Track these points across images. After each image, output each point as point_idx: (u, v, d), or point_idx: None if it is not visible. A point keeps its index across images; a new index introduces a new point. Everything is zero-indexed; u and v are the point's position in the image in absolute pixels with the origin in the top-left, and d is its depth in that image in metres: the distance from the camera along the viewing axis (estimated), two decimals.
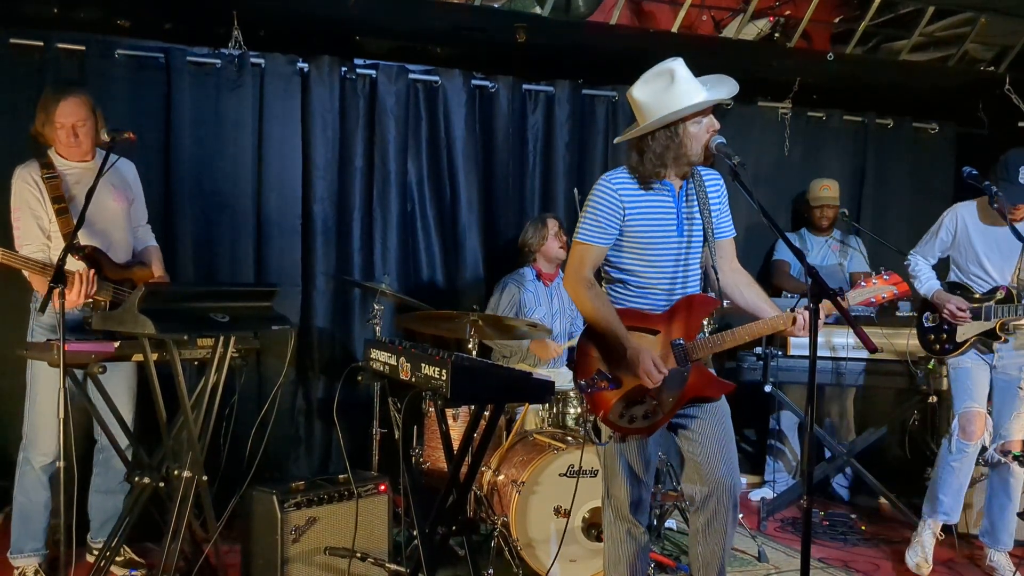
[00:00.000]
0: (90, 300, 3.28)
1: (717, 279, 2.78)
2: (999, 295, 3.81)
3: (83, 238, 3.31)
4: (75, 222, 3.16)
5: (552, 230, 4.58)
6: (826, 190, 5.26)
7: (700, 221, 2.76)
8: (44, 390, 3.34)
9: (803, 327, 2.62)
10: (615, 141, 2.78)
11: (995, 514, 3.92)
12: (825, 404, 5.17)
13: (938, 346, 3.98)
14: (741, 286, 2.85)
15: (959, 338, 3.87)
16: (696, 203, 2.76)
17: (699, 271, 2.83)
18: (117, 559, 3.59)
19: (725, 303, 2.80)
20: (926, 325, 4.04)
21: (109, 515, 3.68)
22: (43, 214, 3.37)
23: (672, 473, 4.10)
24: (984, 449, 3.94)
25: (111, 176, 3.47)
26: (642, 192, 2.72)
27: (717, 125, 2.67)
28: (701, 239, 2.78)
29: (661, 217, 2.72)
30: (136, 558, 3.67)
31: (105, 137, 3.34)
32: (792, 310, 2.67)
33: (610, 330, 2.67)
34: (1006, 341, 3.81)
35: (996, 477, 3.91)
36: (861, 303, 2.76)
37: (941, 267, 4.10)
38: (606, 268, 2.85)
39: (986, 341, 3.84)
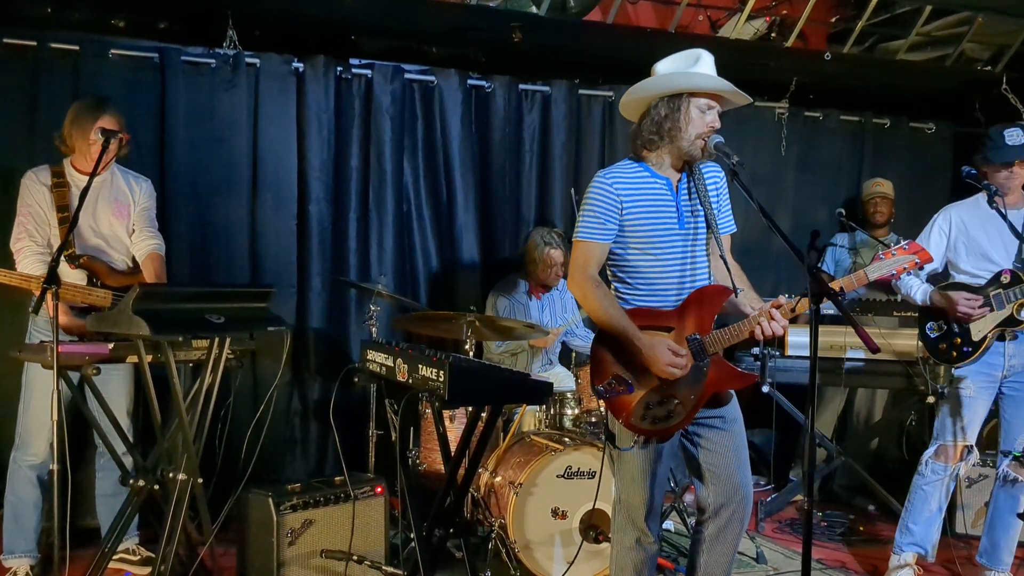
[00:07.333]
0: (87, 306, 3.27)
1: (728, 270, 2.68)
2: (1004, 279, 3.53)
3: (81, 250, 3.38)
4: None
5: (550, 260, 4.48)
6: (878, 186, 5.27)
7: (703, 214, 2.69)
8: (39, 392, 3.33)
9: (769, 324, 2.54)
10: (625, 97, 2.71)
11: (998, 533, 3.68)
12: (823, 404, 5.15)
13: (954, 353, 3.62)
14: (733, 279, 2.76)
15: (976, 336, 3.56)
16: (697, 197, 2.70)
17: (707, 264, 2.75)
18: (134, 559, 3.65)
19: (738, 292, 2.67)
20: (932, 336, 3.70)
21: None
22: (45, 219, 3.39)
23: (671, 476, 4.08)
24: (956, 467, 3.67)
25: (114, 191, 3.51)
26: (638, 186, 2.66)
27: (718, 124, 2.64)
28: (705, 232, 2.72)
29: (660, 210, 2.66)
30: (152, 555, 3.64)
31: (98, 137, 3.32)
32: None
33: (620, 330, 2.57)
34: None
35: (1003, 494, 3.66)
36: (882, 278, 2.67)
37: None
38: (611, 268, 2.76)
39: (1007, 332, 3.54)
